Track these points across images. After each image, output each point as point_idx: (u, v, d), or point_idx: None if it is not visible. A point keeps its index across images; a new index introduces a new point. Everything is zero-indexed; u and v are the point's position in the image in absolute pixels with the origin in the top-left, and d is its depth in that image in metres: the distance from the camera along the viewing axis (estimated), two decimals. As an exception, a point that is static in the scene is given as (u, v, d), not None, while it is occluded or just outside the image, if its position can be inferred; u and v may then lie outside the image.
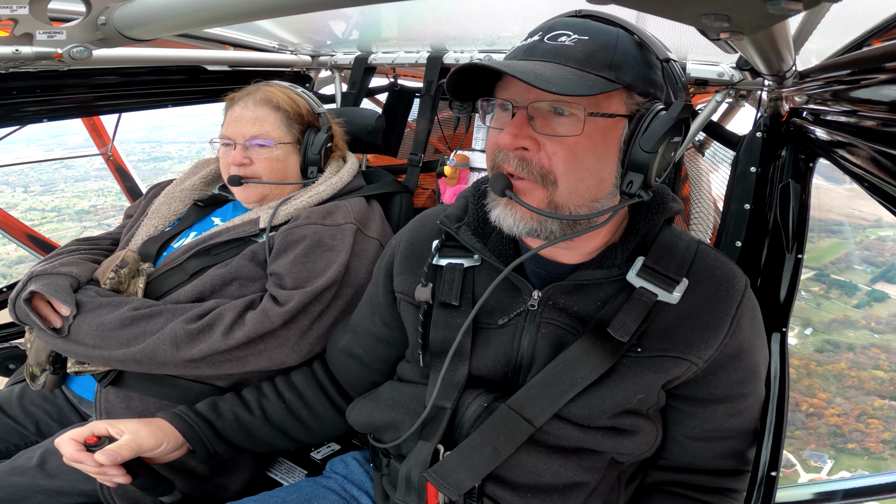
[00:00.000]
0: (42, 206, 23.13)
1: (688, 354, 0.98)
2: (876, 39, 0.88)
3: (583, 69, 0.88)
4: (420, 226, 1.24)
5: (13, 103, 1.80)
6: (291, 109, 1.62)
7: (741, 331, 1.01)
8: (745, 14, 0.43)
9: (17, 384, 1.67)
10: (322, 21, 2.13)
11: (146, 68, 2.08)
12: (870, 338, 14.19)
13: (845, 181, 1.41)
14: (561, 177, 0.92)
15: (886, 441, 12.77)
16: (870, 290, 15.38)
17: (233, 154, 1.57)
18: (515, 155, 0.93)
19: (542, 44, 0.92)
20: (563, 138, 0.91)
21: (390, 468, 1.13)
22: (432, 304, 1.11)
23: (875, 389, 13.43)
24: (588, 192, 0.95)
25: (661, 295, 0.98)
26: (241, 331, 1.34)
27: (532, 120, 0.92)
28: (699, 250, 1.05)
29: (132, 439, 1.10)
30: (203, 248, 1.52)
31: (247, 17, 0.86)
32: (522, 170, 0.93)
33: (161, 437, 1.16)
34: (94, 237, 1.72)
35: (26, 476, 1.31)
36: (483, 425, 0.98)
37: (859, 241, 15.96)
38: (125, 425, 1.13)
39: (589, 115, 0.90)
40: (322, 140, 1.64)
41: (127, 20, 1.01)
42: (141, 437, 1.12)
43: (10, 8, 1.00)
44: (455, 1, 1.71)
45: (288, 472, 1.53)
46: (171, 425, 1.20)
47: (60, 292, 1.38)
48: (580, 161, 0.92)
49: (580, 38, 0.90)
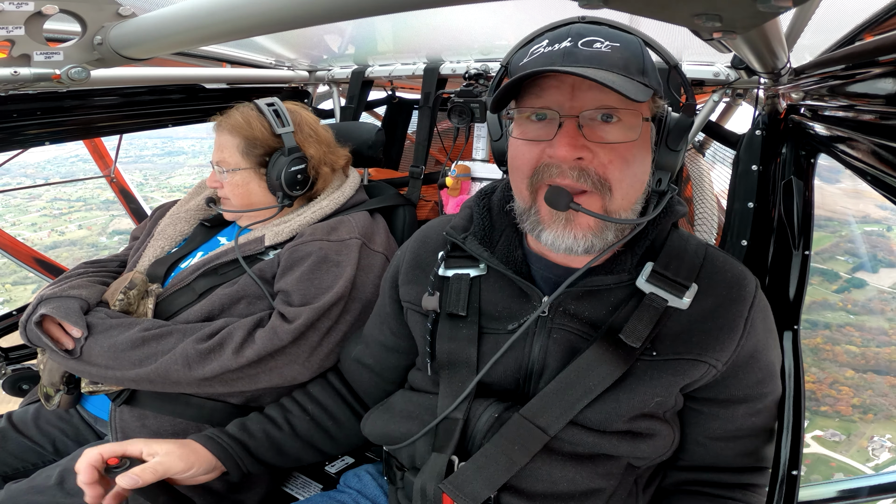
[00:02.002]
0: (67, 197, 23.47)
1: (705, 356, 0.98)
2: (868, 33, 0.88)
3: (626, 75, 0.89)
4: (425, 237, 1.24)
5: (14, 126, 1.82)
6: (247, 134, 1.56)
7: (755, 331, 1.01)
8: (737, 13, 0.44)
9: (32, 404, 1.69)
10: (318, 36, 2.15)
11: (145, 88, 2.09)
12: (846, 318, 15.88)
13: (835, 180, 1.41)
14: (616, 184, 0.92)
15: (856, 406, 14.58)
16: (850, 277, 17.03)
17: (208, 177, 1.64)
18: (573, 166, 0.91)
19: (579, 50, 0.90)
20: (615, 145, 0.91)
21: (405, 481, 1.12)
22: (439, 314, 1.11)
23: (847, 362, 15.26)
24: (635, 195, 0.97)
25: (672, 300, 0.98)
26: (252, 349, 1.35)
27: (581, 129, 0.91)
28: (708, 254, 1.05)
29: (160, 462, 1.08)
30: (210, 268, 1.53)
31: (242, 34, 0.87)
32: (584, 180, 0.91)
33: (192, 461, 1.14)
34: (102, 259, 1.74)
35: (45, 495, 1.31)
36: (496, 435, 0.97)
37: (844, 234, 17.22)
38: (160, 446, 1.11)
39: (644, 119, 0.93)
40: (283, 164, 1.56)
41: (123, 39, 1.02)
42: (172, 459, 1.10)
43: (7, 29, 1.00)
44: (449, 11, 1.72)
45: (303, 486, 1.53)
46: (204, 448, 1.19)
47: (71, 315, 1.40)
48: (631, 166, 0.93)
49: (614, 45, 0.91)
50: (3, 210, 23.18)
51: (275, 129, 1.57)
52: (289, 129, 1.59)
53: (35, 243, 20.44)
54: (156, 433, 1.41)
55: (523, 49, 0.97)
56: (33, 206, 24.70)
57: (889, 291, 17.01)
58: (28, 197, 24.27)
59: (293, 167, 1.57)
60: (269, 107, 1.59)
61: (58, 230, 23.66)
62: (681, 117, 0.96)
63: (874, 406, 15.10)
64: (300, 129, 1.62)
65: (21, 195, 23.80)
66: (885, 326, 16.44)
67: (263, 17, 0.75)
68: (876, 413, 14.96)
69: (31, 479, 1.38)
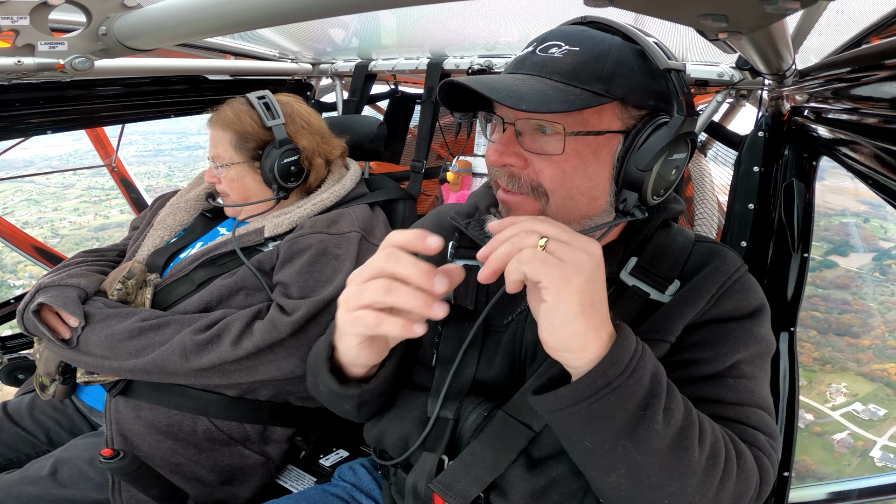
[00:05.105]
0: (101, 186, 24.19)
1: (667, 336, 0.95)
2: (874, 36, 0.88)
3: (568, 83, 0.85)
4: (439, 222, 1.21)
5: (17, 115, 1.81)
6: (238, 128, 1.57)
7: (718, 308, 0.96)
8: (743, 14, 0.43)
9: (27, 394, 1.69)
10: (322, 29, 2.14)
11: (148, 79, 2.09)
12: (814, 291, 18.97)
13: (820, 178, 1.41)
14: (551, 192, 0.91)
15: (816, 359, 18.22)
16: (822, 259, 20.11)
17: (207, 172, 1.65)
18: (504, 171, 0.93)
19: (532, 56, 0.90)
20: (550, 156, 0.90)
21: (397, 477, 1.13)
22: (452, 305, 1.09)
23: (811, 325, 18.68)
24: (578, 210, 0.94)
25: (653, 294, 0.98)
26: (250, 340, 1.34)
27: (520, 136, 0.91)
28: (694, 250, 1.04)
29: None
30: (209, 259, 1.53)
31: (246, 26, 0.87)
32: (513, 185, 0.93)
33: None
34: (101, 249, 1.74)
35: (38, 485, 1.31)
36: (483, 433, 0.97)
37: (822, 224, 19.88)
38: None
39: (570, 134, 0.87)
40: (275, 156, 1.56)
41: (127, 30, 1.02)
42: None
43: (11, 19, 1.00)
44: (454, 6, 1.71)
45: (297, 479, 1.53)
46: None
47: (69, 304, 1.40)
48: (569, 179, 0.90)
49: (570, 50, 0.88)
50: (40, 197, 24.09)
51: (265, 122, 1.57)
52: (279, 121, 1.58)
53: (83, 226, 22.72)
54: (151, 425, 1.41)
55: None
56: (70, 194, 25.27)
57: (855, 271, 20.54)
58: (61, 186, 24.78)
59: (285, 159, 1.57)
60: (259, 100, 1.58)
61: (102, 214, 24.50)
62: (660, 133, 0.87)
63: (832, 359, 18.74)
64: (291, 121, 1.62)
65: (54, 184, 24.45)
66: (848, 298, 19.88)
67: (268, 9, 0.75)
68: (833, 365, 18.59)
69: (23, 469, 1.38)
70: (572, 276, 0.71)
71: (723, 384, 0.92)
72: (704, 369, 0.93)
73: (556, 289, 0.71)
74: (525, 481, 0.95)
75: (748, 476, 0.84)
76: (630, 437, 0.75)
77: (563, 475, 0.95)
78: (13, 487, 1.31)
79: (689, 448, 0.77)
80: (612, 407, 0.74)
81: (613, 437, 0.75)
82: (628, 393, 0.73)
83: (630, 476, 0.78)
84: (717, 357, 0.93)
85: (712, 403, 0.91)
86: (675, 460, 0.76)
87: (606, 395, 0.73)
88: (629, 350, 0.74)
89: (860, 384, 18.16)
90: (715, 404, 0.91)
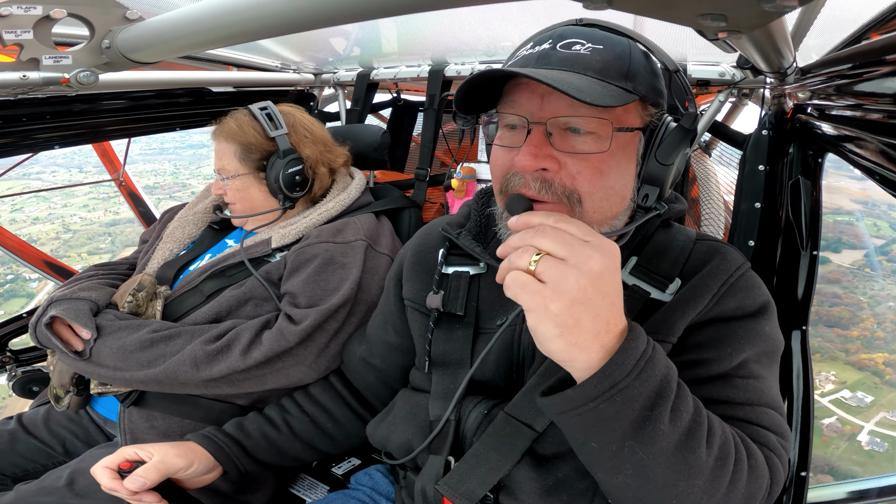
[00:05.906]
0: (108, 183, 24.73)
1: (669, 337, 0.94)
2: (874, 32, 0.88)
3: (602, 79, 0.85)
4: (426, 235, 1.24)
5: (24, 130, 1.83)
6: (242, 140, 1.58)
7: (721, 307, 0.96)
8: (742, 13, 0.44)
9: (42, 406, 1.71)
10: (323, 39, 2.16)
11: (152, 92, 2.11)
12: None
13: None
14: (586, 196, 0.88)
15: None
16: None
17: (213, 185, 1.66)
18: (536, 176, 0.88)
19: (555, 52, 0.87)
20: (586, 156, 0.87)
21: (407, 481, 1.13)
22: (441, 312, 1.11)
23: None
24: (611, 210, 0.92)
25: (654, 293, 0.97)
26: (259, 350, 1.35)
27: (550, 137, 0.87)
28: (695, 248, 1.03)
29: (160, 461, 1.10)
30: (218, 270, 1.55)
31: (248, 38, 0.87)
32: (546, 192, 0.88)
33: (191, 458, 1.16)
34: (111, 262, 1.76)
35: (55, 496, 1.32)
36: (485, 434, 0.97)
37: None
38: (155, 449, 1.14)
39: (616, 130, 0.86)
40: (280, 166, 1.57)
41: (130, 43, 1.02)
42: (170, 458, 1.12)
43: (15, 33, 1.01)
44: (453, 13, 1.72)
45: (310, 488, 1.53)
46: (200, 447, 1.21)
47: (81, 316, 1.41)
48: (605, 179, 0.88)
49: (595, 47, 0.87)
50: (49, 194, 25.39)
51: (268, 133, 1.58)
52: (282, 131, 1.60)
53: (94, 221, 24.19)
54: (164, 434, 1.42)
55: (516, 52, 0.96)
56: (79, 191, 26.23)
57: (847, 267, 21.82)
58: (69, 181, 25.30)
59: (290, 169, 1.58)
60: (261, 111, 1.60)
61: (112, 210, 25.16)
62: (677, 128, 0.89)
63: (822, 349, 19.85)
64: (294, 131, 1.63)
65: (62, 181, 24.85)
66: (839, 292, 21.01)
67: (269, 20, 0.76)
68: (823, 354, 19.93)
69: (40, 480, 1.39)
70: (549, 303, 0.69)
71: (731, 384, 0.92)
72: (711, 370, 0.92)
73: (533, 314, 0.71)
74: (533, 480, 0.95)
75: (759, 477, 0.84)
76: (636, 438, 0.74)
77: (571, 474, 0.95)
78: (31, 498, 1.32)
79: (697, 449, 0.77)
80: (618, 408, 0.73)
81: (620, 437, 0.75)
82: (635, 394, 0.73)
83: (637, 477, 0.77)
84: (723, 357, 0.93)
85: (722, 404, 0.90)
86: (681, 461, 0.76)
87: (612, 396, 0.73)
88: (637, 351, 0.74)
89: (848, 373, 19.21)
90: (724, 405, 0.90)
